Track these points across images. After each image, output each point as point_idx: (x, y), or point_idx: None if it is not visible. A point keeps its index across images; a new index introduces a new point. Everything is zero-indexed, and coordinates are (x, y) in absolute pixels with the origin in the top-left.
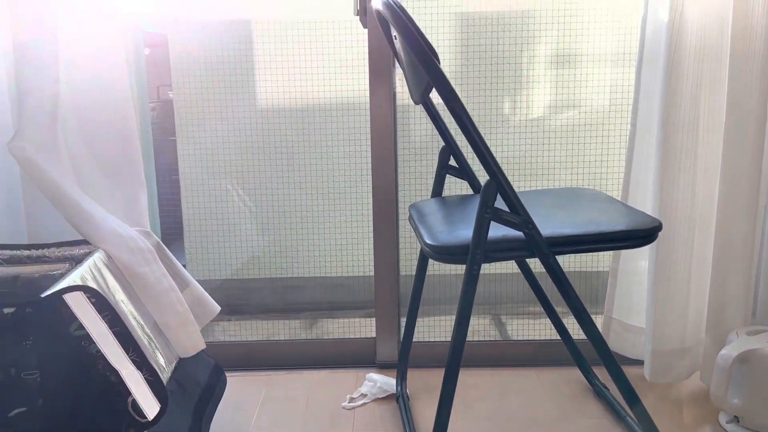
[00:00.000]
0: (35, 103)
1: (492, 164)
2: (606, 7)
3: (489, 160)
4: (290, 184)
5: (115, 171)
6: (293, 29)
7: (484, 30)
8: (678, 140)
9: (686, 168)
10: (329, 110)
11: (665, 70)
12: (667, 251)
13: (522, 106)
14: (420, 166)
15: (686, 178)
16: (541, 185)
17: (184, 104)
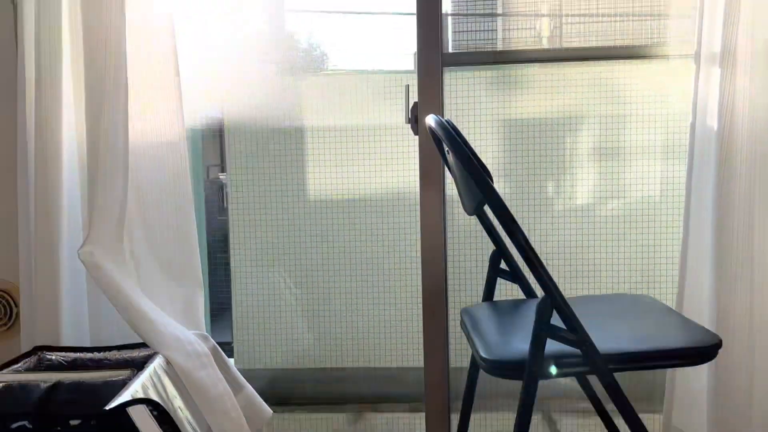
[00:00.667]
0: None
1: (547, 280)
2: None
3: (543, 275)
4: (339, 273)
5: (174, 271)
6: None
7: (531, 131)
8: (733, 247)
9: (743, 277)
10: (379, 203)
11: (717, 177)
12: (726, 361)
13: (568, 199)
14: (470, 261)
15: (743, 287)
16: (594, 281)
17: (236, 187)
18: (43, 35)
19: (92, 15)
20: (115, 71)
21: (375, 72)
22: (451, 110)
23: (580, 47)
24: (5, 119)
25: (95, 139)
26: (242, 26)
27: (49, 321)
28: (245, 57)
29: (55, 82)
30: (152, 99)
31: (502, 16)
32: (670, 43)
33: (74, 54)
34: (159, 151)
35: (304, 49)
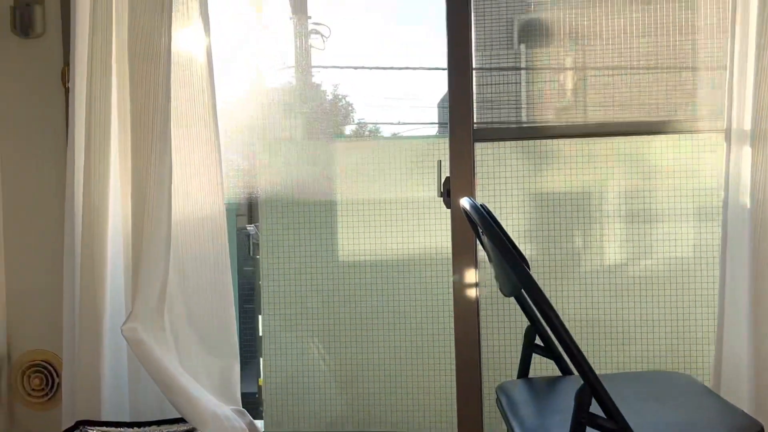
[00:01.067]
0: (147, 286)
1: (586, 369)
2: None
3: (582, 363)
4: (370, 338)
5: (212, 344)
6: (378, 203)
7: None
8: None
9: None
10: (411, 267)
11: (751, 254)
12: None
13: (600, 267)
14: (504, 334)
15: None
16: (629, 349)
17: (268, 248)
18: (94, 119)
19: (139, 103)
20: (160, 155)
21: (407, 138)
22: (482, 178)
23: (608, 122)
24: (54, 196)
25: (140, 218)
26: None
27: (90, 394)
28: (275, 115)
29: (103, 164)
30: (195, 175)
31: (526, 70)
32: (699, 117)
33: (122, 137)
34: (199, 225)
35: (330, 101)
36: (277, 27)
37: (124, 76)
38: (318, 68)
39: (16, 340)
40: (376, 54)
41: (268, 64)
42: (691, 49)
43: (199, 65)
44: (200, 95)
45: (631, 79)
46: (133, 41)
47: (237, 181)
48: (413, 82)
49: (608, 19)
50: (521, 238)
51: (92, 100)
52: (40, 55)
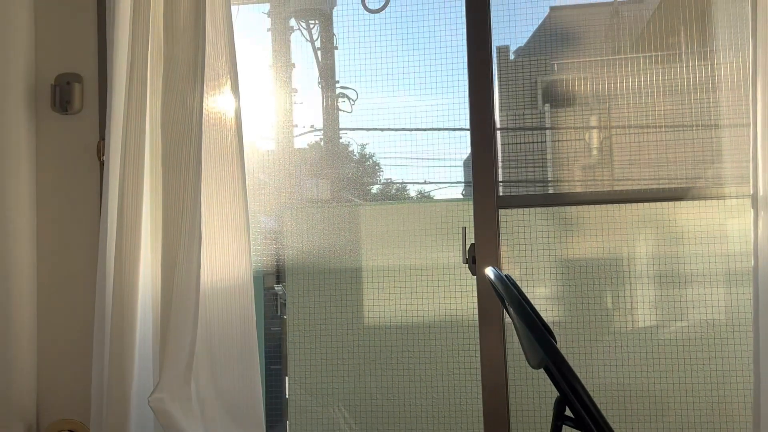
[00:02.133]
0: (175, 356)
1: None
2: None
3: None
4: (397, 406)
5: (238, 415)
6: (405, 271)
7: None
8: None
9: None
10: (437, 333)
11: None
12: None
13: (629, 331)
14: (533, 402)
15: None
16: (663, 417)
17: (294, 306)
18: (126, 191)
19: (171, 183)
20: (191, 223)
21: (432, 202)
22: (507, 243)
23: (633, 189)
24: (87, 267)
25: (169, 288)
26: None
27: None
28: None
29: (134, 235)
30: (223, 243)
31: (551, 129)
32: (725, 183)
33: (154, 209)
34: (227, 294)
35: (357, 161)
36: (306, 91)
37: (157, 146)
38: (345, 130)
39: (45, 408)
40: (402, 116)
41: (297, 126)
42: (714, 108)
43: (229, 131)
44: (230, 161)
45: (657, 137)
46: (166, 112)
47: (264, 242)
48: (439, 142)
49: (631, 78)
50: (548, 305)
51: (125, 173)
52: (77, 130)
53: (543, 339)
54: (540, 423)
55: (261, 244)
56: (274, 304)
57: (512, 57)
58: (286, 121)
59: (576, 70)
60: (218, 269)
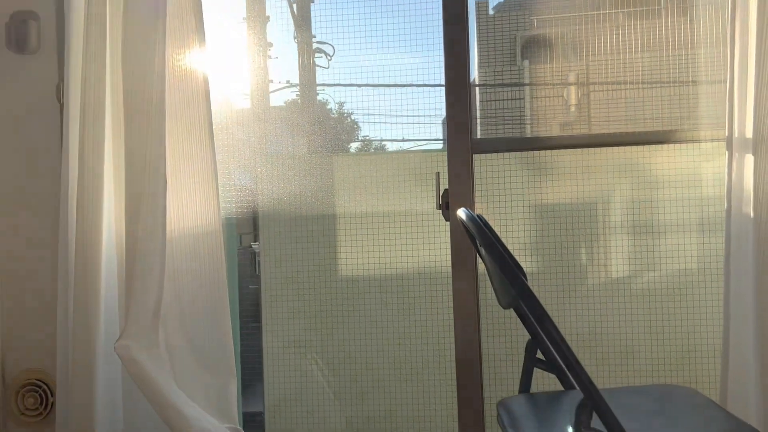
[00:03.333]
0: (141, 303)
1: (586, 381)
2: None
3: (582, 376)
4: (371, 353)
5: (208, 361)
6: (377, 217)
7: (562, 213)
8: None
9: None
10: (410, 282)
11: (756, 264)
12: None
13: (601, 279)
14: (505, 347)
15: None
16: (633, 364)
17: (269, 264)
18: (87, 135)
19: (133, 121)
20: (155, 165)
21: (407, 151)
22: (481, 190)
23: (610, 133)
24: (47, 215)
25: (133, 233)
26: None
27: (84, 412)
28: (277, 131)
29: (96, 180)
30: (190, 189)
31: (530, 86)
32: (701, 126)
33: (116, 148)
34: (196, 240)
35: (335, 119)
36: (282, 45)
37: (118, 91)
38: (322, 86)
39: (10, 359)
40: (380, 73)
41: (273, 82)
42: (693, 63)
43: (195, 80)
44: (196, 109)
45: (635, 93)
46: (126, 56)
47: (240, 198)
48: (417, 99)
49: (611, 34)
50: (522, 251)
51: (85, 118)
52: (35, 71)
53: (514, 277)
54: (512, 369)
55: (234, 194)
56: (253, 263)
57: (491, 13)
58: (261, 77)
59: (556, 25)
60: (186, 217)
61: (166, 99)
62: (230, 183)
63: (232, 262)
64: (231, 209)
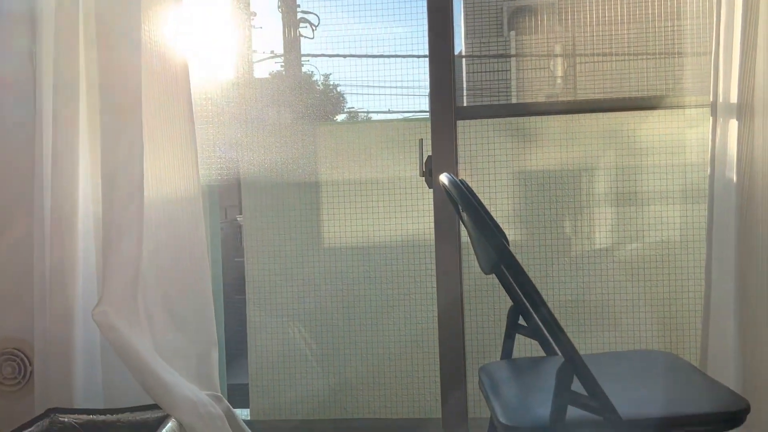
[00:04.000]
0: (119, 270)
1: (567, 345)
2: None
3: (563, 341)
4: (355, 322)
5: (189, 329)
6: (361, 184)
7: (546, 180)
8: (756, 301)
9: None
10: (394, 250)
11: (738, 229)
12: (754, 424)
13: (585, 247)
14: (488, 314)
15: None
16: (614, 332)
17: (252, 235)
18: (60, 87)
19: (109, 82)
20: (132, 128)
21: (391, 119)
22: (464, 158)
23: (594, 99)
24: (23, 178)
25: (110, 198)
26: (259, 70)
27: (62, 380)
28: (262, 101)
29: (71, 139)
30: (169, 154)
31: (516, 57)
32: (685, 93)
33: (90, 109)
34: (175, 206)
35: (320, 92)
36: (266, 15)
37: (93, 58)
38: (307, 56)
39: None
40: (366, 44)
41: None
42: (679, 34)
43: (173, 46)
44: (173, 76)
45: (621, 65)
46: (101, 22)
47: (223, 167)
48: (403, 70)
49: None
50: (506, 219)
51: (59, 85)
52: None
53: (495, 241)
54: (494, 337)
55: (217, 164)
56: (239, 236)
57: None
58: (245, 47)
59: None
60: (165, 183)
61: (143, 66)
62: (213, 154)
63: (215, 232)
64: (214, 178)
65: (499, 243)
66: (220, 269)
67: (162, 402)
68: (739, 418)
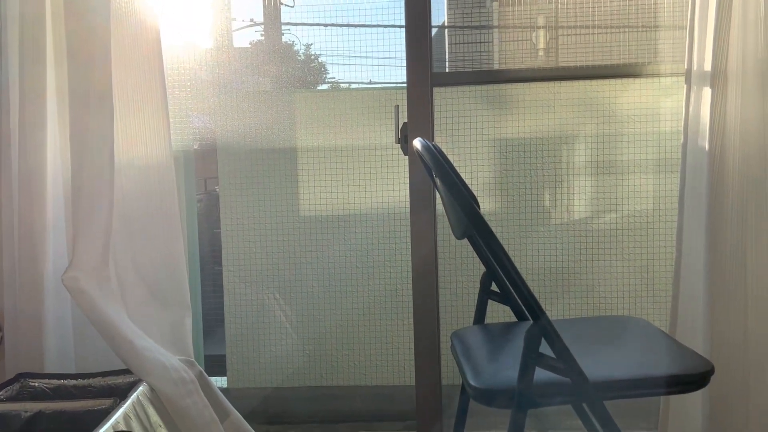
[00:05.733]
0: (89, 235)
1: (535, 307)
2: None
3: (532, 303)
4: (330, 291)
5: (161, 295)
6: (338, 151)
7: (522, 149)
8: (725, 268)
9: (736, 299)
10: (370, 219)
11: (709, 197)
12: (720, 386)
13: (559, 216)
14: (462, 281)
15: (737, 309)
16: (586, 299)
17: (229, 203)
18: (27, 50)
19: (76, 35)
20: (101, 92)
21: (369, 88)
22: (444, 127)
23: (572, 66)
24: None
25: (79, 162)
26: (238, 38)
27: (33, 345)
28: (242, 70)
29: (39, 103)
30: (139, 118)
31: (498, 28)
32: (661, 62)
33: (59, 73)
34: (146, 172)
35: (301, 62)
36: None
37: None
38: (288, 25)
39: None
40: (347, 13)
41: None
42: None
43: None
44: (144, 39)
45: (602, 38)
46: None
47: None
48: (386, 41)
49: None
50: (482, 188)
51: (25, 50)
52: None
53: (467, 206)
54: (468, 304)
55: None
56: (216, 208)
57: None
58: (223, 14)
59: None
60: (136, 148)
61: (112, 30)
62: (189, 122)
63: (191, 202)
64: (188, 145)
65: (469, 206)
66: (196, 239)
67: (133, 367)
68: (704, 379)
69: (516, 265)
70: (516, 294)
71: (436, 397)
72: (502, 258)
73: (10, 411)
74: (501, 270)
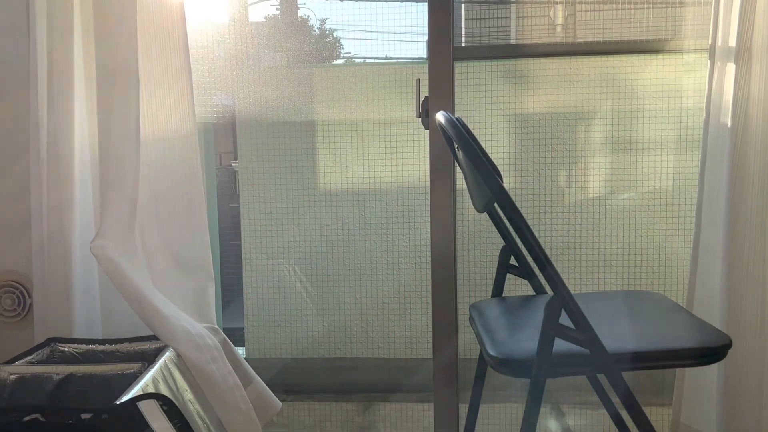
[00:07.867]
0: (116, 203)
1: (556, 279)
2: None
3: (552, 274)
4: (349, 264)
5: (186, 264)
6: (357, 126)
7: (543, 125)
8: (744, 245)
9: (754, 275)
10: (390, 194)
11: (730, 174)
12: (736, 360)
13: (580, 192)
14: (480, 255)
15: (754, 286)
16: (605, 276)
17: (248, 178)
18: (55, 25)
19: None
20: (127, 66)
21: (388, 63)
22: (462, 102)
23: (593, 41)
24: (18, 114)
25: (106, 134)
26: (254, 13)
27: (61, 313)
28: (258, 45)
29: (66, 76)
30: (164, 92)
31: (516, 3)
32: (684, 37)
33: (86, 47)
34: (171, 144)
35: (316, 36)
36: None
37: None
38: None
39: None
40: None
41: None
42: None
43: None
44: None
45: (621, 15)
46: None
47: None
48: (402, 15)
49: None
50: (500, 163)
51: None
52: None
53: (490, 178)
54: (487, 278)
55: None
56: (233, 182)
57: None
58: None
59: None
60: (160, 119)
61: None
62: (207, 96)
63: (210, 174)
64: (209, 118)
65: (493, 179)
66: (216, 212)
67: (160, 333)
68: (721, 352)
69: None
70: (535, 262)
71: (452, 370)
72: (525, 231)
73: (42, 373)
74: (522, 241)
